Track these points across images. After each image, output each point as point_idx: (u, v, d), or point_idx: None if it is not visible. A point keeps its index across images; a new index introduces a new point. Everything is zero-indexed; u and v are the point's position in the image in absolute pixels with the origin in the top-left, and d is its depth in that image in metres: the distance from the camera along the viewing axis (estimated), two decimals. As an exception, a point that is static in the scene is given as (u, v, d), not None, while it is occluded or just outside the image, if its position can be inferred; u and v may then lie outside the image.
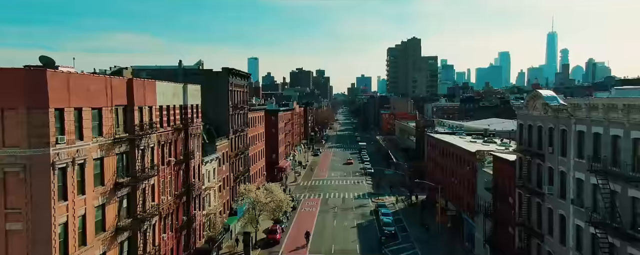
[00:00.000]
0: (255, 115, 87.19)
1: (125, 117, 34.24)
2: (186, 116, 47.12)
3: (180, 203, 45.94)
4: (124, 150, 33.88)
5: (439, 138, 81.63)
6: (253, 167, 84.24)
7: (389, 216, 74.93)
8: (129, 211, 34.77)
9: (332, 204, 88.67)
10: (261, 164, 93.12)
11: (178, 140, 45.25)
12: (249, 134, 80.00)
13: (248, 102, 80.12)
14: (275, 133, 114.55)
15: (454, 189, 70.05)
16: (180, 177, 46.01)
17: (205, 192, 54.51)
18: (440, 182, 77.34)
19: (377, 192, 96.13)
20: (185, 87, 47.19)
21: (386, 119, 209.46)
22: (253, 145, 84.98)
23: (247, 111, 78.75)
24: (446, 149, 75.74)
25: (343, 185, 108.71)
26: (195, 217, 49.78)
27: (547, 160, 37.44)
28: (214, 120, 65.49)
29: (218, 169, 60.32)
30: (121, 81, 33.61)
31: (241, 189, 63.02)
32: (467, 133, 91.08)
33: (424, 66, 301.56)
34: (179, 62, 65.59)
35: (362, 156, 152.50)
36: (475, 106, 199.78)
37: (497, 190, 50.04)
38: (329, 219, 77.55)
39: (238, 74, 71.23)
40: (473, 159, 59.58)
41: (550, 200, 37.00)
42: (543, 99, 37.53)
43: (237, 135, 71.75)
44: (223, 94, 66.36)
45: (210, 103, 65.44)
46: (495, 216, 50.39)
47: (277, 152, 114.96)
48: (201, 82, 64.64)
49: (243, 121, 75.49)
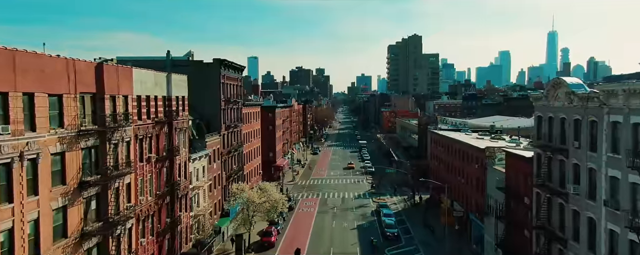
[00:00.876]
0: (250, 111, 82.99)
1: (94, 107, 30.03)
2: (170, 108, 42.92)
3: (163, 204, 41.74)
4: (92, 145, 29.67)
5: (444, 135, 77.46)
6: (248, 166, 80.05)
7: (391, 217, 70.72)
8: (99, 214, 30.57)
9: (331, 204, 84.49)
10: (257, 162, 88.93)
11: (161, 135, 41.06)
12: (243, 131, 75.80)
13: (242, 96, 75.89)
14: (272, 130, 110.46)
15: (461, 188, 65.86)
16: (163, 176, 41.81)
17: (193, 191, 50.32)
18: (445, 180, 73.22)
19: (378, 191, 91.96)
20: (169, 76, 42.98)
21: (387, 116, 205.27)
22: (248, 142, 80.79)
23: (241, 106, 74.53)
24: (452, 146, 71.55)
25: (343, 184, 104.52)
26: (181, 219, 45.58)
27: (571, 156, 33.23)
28: (205, 115, 61.31)
29: (208, 166, 56.12)
30: (88, 65, 29.39)
31: (233, 189, 58.84)
32: (472, 130, 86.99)
33: (425, 63, 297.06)
34: (167, 52, 61.14)
35: (363, 154, 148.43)
36: (478, 104, 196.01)
37: (510, 189, 45.85)
38: (327, 220, 73.37)
39: (231, 66, 67.02)
40: (482, 156, 55.39)
41: (575, 201, 32.79)
42: (567, 87, 33.32)
43: (230, 131, 67.55)
44: (214, 87, 62.16)
45: (200, 96, 61.24)
46: (509, 218, 46.19)
47: (275, 150, 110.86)
48: (191, 74, 60.38)
49: (237, 117, 71.29)
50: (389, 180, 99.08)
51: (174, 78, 43.82)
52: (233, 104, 68.69)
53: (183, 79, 47.06)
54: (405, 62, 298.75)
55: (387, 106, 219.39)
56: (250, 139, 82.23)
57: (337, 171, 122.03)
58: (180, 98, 46.06)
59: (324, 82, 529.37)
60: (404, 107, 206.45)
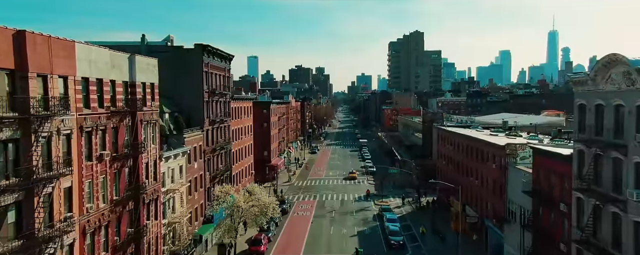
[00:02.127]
0: (240, 105, 75.75)
1: (12, 88, 22.83)
2: (134, 96, 35.70)
3: (124, 211, 34.52)
4: (9, 138, 22.49)
5: (454, 131, 70.30)
6: (237, 165, 72.82)
7: (396, 223, 63.45)
8: (20, 228, 23.36)
9: (329, 207, 77.29)
10: (248, 162, 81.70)
11: (120, 128, 33.85)
12: (232, 127, 68.59)
13: (231, 88, 68.65)
14: (266, 127, 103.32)
15: (474, 190, 58.67)
16: (124, 177, 34.60)
17: (166, 195, 43.12)
18: (454, 181, 66.11)
19: (381, 193, 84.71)
20: (132, 58, 35.75)
21: (388, 114, 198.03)
22: (238, 139, 73.58)
23: (230, 99, 67.32)
24: (463, 144, 64.35)
25: (342, 185, 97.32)
26: (149, 228, 38.37)
27: (632, 154, 26.04)
28: (185, 108, 54.19)
29: (187, 166, 48.93)
30: (2, 32, 22.20)
31: (216, 191, 51.60)
32: (482, 127, 79.79)
33: (427, 61, 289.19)
34: (142, 37, 54.17)
35: (363, 154, 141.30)
36: (483, 101, 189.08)
37: (539, 193, 38.66)
38: (324, 226, 66.20)
39: (216, 54, 59.78)
40: (501, 154, 48.19)
41: (638, 210, 25.60)
42: (627, 65, 26.07)
43: (216, 127, 60.36)
44: (196, 77, 54.95)
45: (180, 87, 54.17)
46: (538, 227, 38.99)
47: (269, 149, 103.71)
48: (169, 61, 53.39)
49: (224, 111, 64.05)
50: (392, 181, 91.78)
51: (139, 60, 36.60)
52: (219, 96, 61.48)
53: (152, 63, 39.83)
54: (406, 59, 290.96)
55: (389, 104, 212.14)
56: (240, 136, 75.04)
57: (336, 171, 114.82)
58: (149, 85, 38.83)
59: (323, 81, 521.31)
60: (406, 105, 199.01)
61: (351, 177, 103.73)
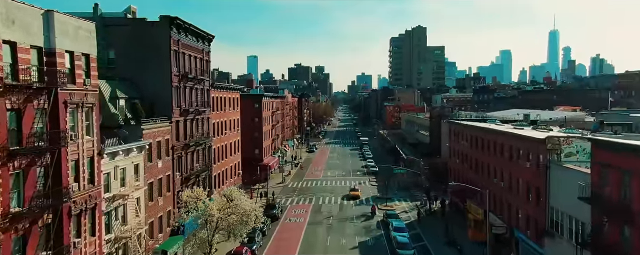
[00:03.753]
0: (224, 95, 66.00)
1: None
2: (53, 68, 25.90)
3: (32, 228, 24.73)
4: None
5: (473, 125, 60.57)
6: (220, 164, 63.01)
7: (404, 232, 53.58)
8: None
9: (326, 213, 67.50)
10: (235, 160, 71.90)
11: (25, 111, 24.08)
12: (212, 119, 58.84)
13: (210, 74, 58.73)
14: (258, 123, 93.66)
15: (500, 193, 48.82)
16: (33, 180, 24.81)
17: (112, 203, 33.34)
18: (471, 183, 56.47)
19: (385, 195, 74.81)
20: (49, 15, 25.94)
21: (390, 111, 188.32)
22: (220, 135, 63.84)
23: (209, 87, 57.55)
24: (483, 139, 54.59)
25: (341, 186, 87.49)
26: (78, 248, 28.55)
27: None
28: (147, 94, 44.44)
29: (146, 165, 39.13)
30: None
31: (184, 196, 41.69)
32: (501, 121, 70.01)
33: (429, 57, 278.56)
34: (94, 6, 44.29)
35: (364, 152, 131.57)
36: (490, 97, 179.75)
37: (603, 200, 28.85)
38: (320, 235, 56.49)
39: (189, 30, 49.91)
40: (540, 150, 38.40)
41: None
42: None
43: (190, 118, 50.59)
44: (163, 56, 45.12)
45: (142, 68, 44.48)
46: (601, 245, 29.14)
47: (261, 147, 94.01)
48: (130, 36, 43.77)
49: (201, 100, 54.26)
50: (397, 181, 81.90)
51: (61, 21, 26.79)
52: (194, 82, 51.69)
53: (86, 28, 29.94)
54: (408, 55, 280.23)
55: (391, 100, 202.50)
56: (223, 130, 65.27)
57: (335, 171, 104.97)
58: (80, 56, 29.01)
59: (323, 80, 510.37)
60: (409, 102, 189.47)
61: (353, 196, 75.99)
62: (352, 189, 78.27)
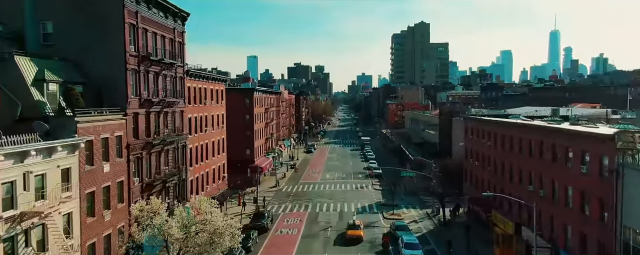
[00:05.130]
0: (204, 86, 56.55)
1: None
2: None
3: None
4: None
5: (501, 120, 51.18)
6: (198, 168, 53.56)
7: (418, 250, 44.09)
8: None
9: (324, 222, 58.10)
10: (218, 162, 62.40)
11: None
12: (188, 113, 49.39)
13: (183, 58, 49.10)
14: (249, 120, 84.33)
15: (538, 204, 39.22)
16: None
17: (20, 223, 23.83)
18: (495, 189, 47.12)
19: (391, 202, 65.22)
20: None
21: (393, 110, 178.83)
22: (199, 132, 54.41)
23: (184, 75, 48.09)
24: (515, 137, 45.13)
25: (341, 191, 78.08)
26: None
27: None
28: (95, 78, 34.95)
29: (82, 170, 29.62)
30: None
31: (135, 211, 32.10)
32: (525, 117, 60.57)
33: (433, 54, 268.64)
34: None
35: (366, 153, 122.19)
36: (499, 95, 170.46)
37: None
38: (316, 251, 47.11)
39: (152, 1, 40.30)
40: (605, 151, 28.90)
41: None
42: None
43: (155, 111, 41.13)
44: (115, 31, 35.60)
45: (88, 47, 35.03)
46: None
47: (252, 147, 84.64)
48: (73, 5, 34.39)
49: (171, 89, 44.79)
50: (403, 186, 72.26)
51: None
52: (161, 67, 42.21)
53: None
54: (411, 52, 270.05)
55: (393, 98, 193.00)
56: (203, 127, 55.81)
57: (334, 173, 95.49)
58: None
59: (323, 79, 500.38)
60: (413, 99, 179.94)
61: (352, 237, 49.84)
62: (352, 225, 51.60)
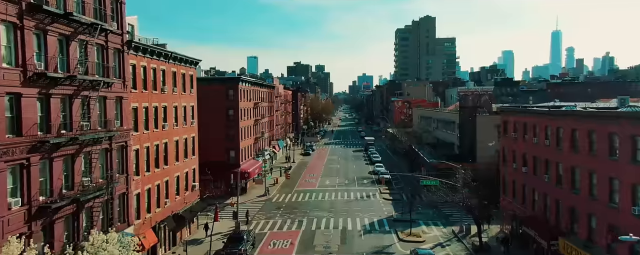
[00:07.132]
0: (160, 66, 42.44)
1: None
2: None
3: None
4: None
5: (579, 110, 37.46)
6: (151, 176, 39.40)
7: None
8: None
9: (322, 246, 44.12)
10: (185, 168, 48.15)
11: None
12: (129, 102, 35.31)
13: (122, 23, 34.84)
14: (232, 117, 70.53)
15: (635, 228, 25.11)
16: None
17: None
18: (565, 207, 33.15)
19: (406, 217, 50.96)
20: None
21: (399, 107, 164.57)
22: (153, 129, 40.32)
23: (121, 46, 33.99)
24: (602, 134, 31.09)
25: (343, 201, 64.15)
26: None
27: None
28: None
29: None
30: None
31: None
32: (582, 108, 46.64)
33: (439, 49, 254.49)
34: None
35: (371, 155, 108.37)
36: (515, 90, 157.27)
37: None
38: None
39: None
40: None
41: None
42: None
43: (62, 93, 27.06)
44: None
45: None
46: None
47: (237, 148, 70.74)
48: None
49: (97, 63, 30.68)
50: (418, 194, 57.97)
51: None
52: (73, 28, 28.11)
53: None
54: (415, 47, 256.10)
55: (399, 95, 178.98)
56: (158, 122, 41.67)
57: (334, 179, 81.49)
58: None
59: (324, 78, 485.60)
60: (420, 96, 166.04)
61: None
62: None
